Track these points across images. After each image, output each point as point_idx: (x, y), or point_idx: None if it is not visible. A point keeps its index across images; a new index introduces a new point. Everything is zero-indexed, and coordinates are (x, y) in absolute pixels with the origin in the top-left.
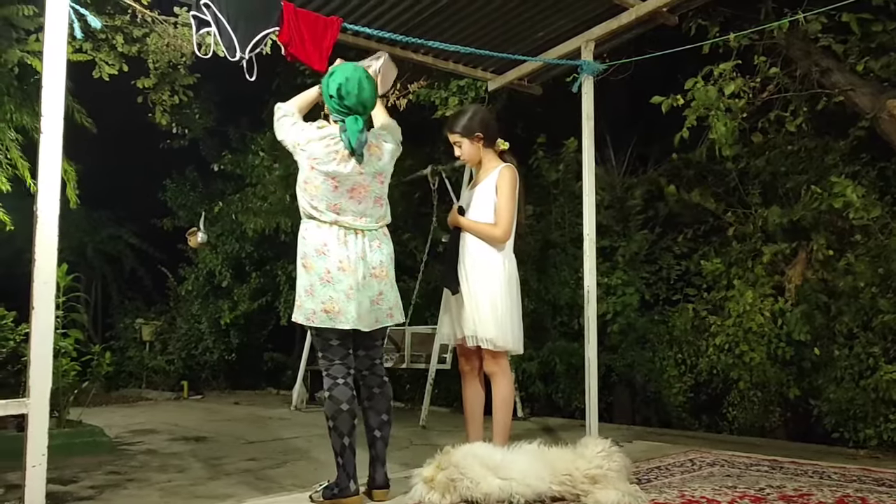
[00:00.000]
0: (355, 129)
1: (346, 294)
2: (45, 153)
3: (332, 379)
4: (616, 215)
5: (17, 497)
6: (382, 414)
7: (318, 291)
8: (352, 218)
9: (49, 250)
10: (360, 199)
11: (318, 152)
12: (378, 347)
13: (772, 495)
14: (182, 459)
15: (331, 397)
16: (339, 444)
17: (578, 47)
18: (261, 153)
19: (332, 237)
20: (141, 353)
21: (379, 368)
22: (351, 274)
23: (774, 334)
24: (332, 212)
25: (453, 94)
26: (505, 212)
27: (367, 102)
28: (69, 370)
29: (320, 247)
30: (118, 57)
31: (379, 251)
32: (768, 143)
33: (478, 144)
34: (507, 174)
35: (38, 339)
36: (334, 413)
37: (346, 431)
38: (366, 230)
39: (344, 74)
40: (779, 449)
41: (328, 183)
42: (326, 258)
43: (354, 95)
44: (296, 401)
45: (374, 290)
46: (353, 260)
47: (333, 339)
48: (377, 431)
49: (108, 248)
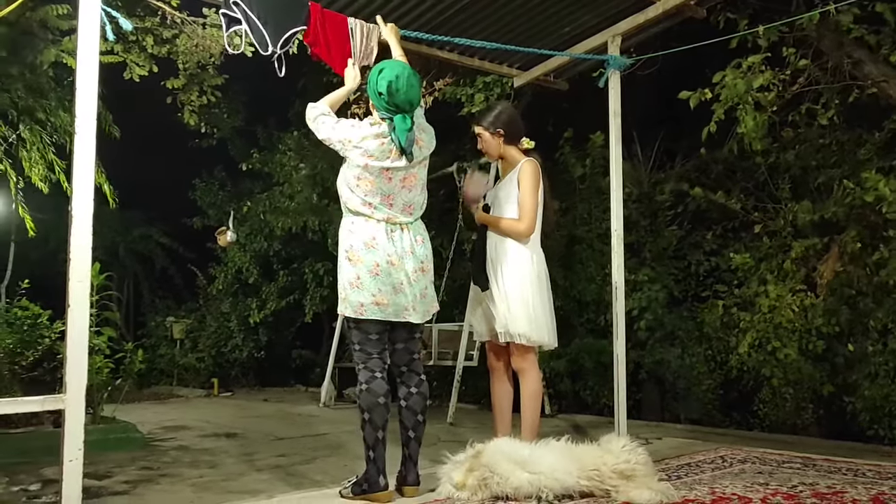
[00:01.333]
0: (404, 128)
1: (395, 287)
2: (79, 154)
3: (370, 372)
4: (643, 211)
5: (55, 491)
6: (418, 414)
7: (368, 284)
8: (401, 211)
9: (84, 250)
10: (411, 188)
11: (374, 149)
12: (416, 341)
13: (804, 493)
14: (213, 455)
15: (368, 390)
16: (372, 438)
17: (605, 42)
18: (288, 152)
19: (380, 231)
20: (172, 350)
21: (417, 365)
22: (400, 269)
23: (805, 330)
24: (385, 205)
25: (479, 90)
26: (527, 206)
27: (414, 100)
28: (103, 367)
29: (369, 240)
30: (148, 58)
31: (423, 246)
32: (799, 136)
33: (498, 140)
34: (528, 168)
35: (73, 337)
36: (371, 406)
37: (381, 425)
38: (410, 224)
39: (394, 72)
40: (811, 446)
41: (383, 177)
42: (376, 252)
43: (403, 93)
44: (324, 397)
45: (422, 285)
46: (401, 255)
47: (373, 334)
48: (411, 431)
49: (139, 248)
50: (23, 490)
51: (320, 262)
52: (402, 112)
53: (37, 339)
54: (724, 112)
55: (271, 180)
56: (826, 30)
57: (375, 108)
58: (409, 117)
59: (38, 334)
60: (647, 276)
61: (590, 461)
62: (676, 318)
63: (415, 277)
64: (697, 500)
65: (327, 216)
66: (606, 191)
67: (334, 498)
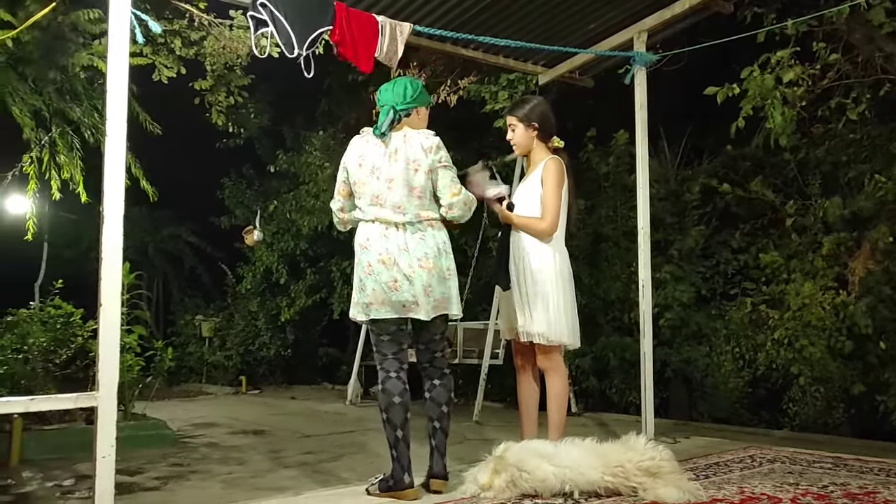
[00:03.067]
0: (384, 113)
1: (389, 286)
2: (109, 155)
3: (385, 372)
4: (670, 208)
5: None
6: (442, 406)
7: (366, 285)
8: (391, 211)
9: (115, 250)
10: (397, 189)
11: (363, 149)
12: (437, 341)
13: (835, 493)
14: (242, 452)
15: (384, 390)
16: (392, 437)
17: (630, 38)
18: (314, 152)
19: (374, 232)
20: (201, 348)
21: (439, 361)
22: (392, 266)
23: (836, 328)
24: (375, 205)
25: (503, 88)
26: (550, 204)
27: (398, 93)
28: (134, 365)
29: (363, 241)
30: (176, 60)
31: (423, 243)
32: (828, 131)
33: (532, 134)
34: (552, 166)
35: (105, 335)
36: (387, 406)
37: (399, 424)
38: (406, 224)
39: (382, 86)
40: (842, 446)
41: (373, 175)
42: (368, 252)
43: (384, 89)
44: (351, 395)
45: (423, 282)
46: (393, 252)
47: (384, 334)
48: (436, 423)
49: (168, 247)
50: (57, 486)
51: (346, 261)
52: (384, 106)
53: (70, 337)
54: (752, 108)
55: (297, 179)
56: (856, 23)
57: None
58: (388, 107)
59: (71, 333)
60: (671, 275)
61: (614, 458)
62: (704, 317)
63: (410, 273)
64: (726, 500)
65: None
66: (632, 188)
67: (361, 495)
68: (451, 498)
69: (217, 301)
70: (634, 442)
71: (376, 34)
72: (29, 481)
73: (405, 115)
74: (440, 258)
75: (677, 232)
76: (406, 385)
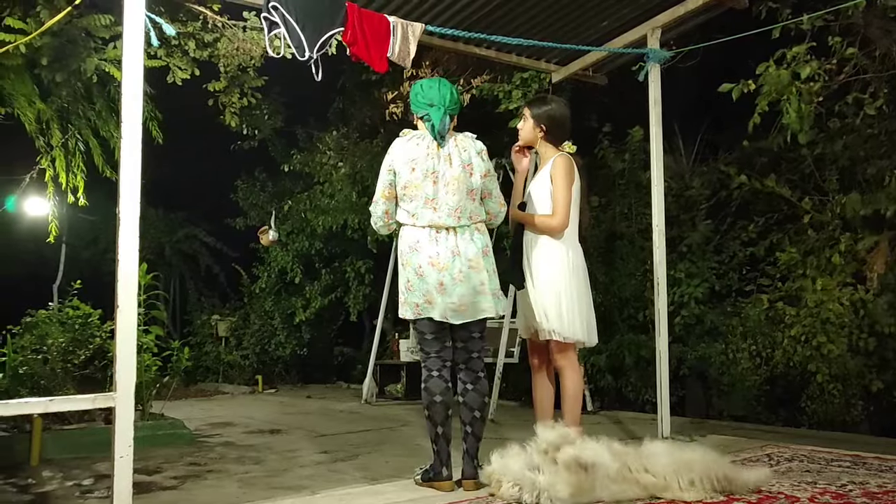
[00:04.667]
0: (438, 115)
1: (437, 288)
2: (125, 158)
3: (428, 371)
4: (685, 205)
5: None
6: (475, 411)
7: (416, 285)
8: (447, 215)
9: (131, 251)
10: (455, 192)
11: (414, 152)
12: (476, 340)
13: (854, 492)
14: (258, 451)
15: (426, 388)
16: (432, 433)
17: (644, 35)
18: (328, 152)
19: (424, 235)
20: (217, 348)
21: (475, 363)
22: (442, 270)
23: (855, 325)
24: (430, 209)
25: (516, 87)
26: (559, 201)
27: (446, 97)
28: (151, 365)
29: (413, 244)
30: (190, 62)
31: (472, 245)
32: (846, 127)
33: (537, 133)
34: (560, 163)
35: (123, 336)
36: (429, 403)
37: (440, 421)
38: (458, 227)
39: (419, 84)
40: (861, 444)
41: (428, 179)
42: (419, 254)
43: (427, 87)
44: (366, 394)
45: (473, 283)
46: (444, 255)
47: (428, 334)
48: (469, 427)
49: (184, 248)
50: (77, 485)
51: (361, 261)
52: (434, 106)
53: (88, 338)
54: (768, 104)
55: (311, 180)
56: (873, 16)
57: (418, 118)
58: (442, 109)
59: (90, 333)
60: (685, 272)
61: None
62: (719, 314)
63: (461, 277)
64: (743, 499)
65: (367, 214)
66: (646, 185)
67: (376, 494)
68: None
69: (233, 301)
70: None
71: (388, 34)
72: (49, 480)
73: (451, 119)
74: (486, 259)
75: (692, 229)
76: (448, 383)
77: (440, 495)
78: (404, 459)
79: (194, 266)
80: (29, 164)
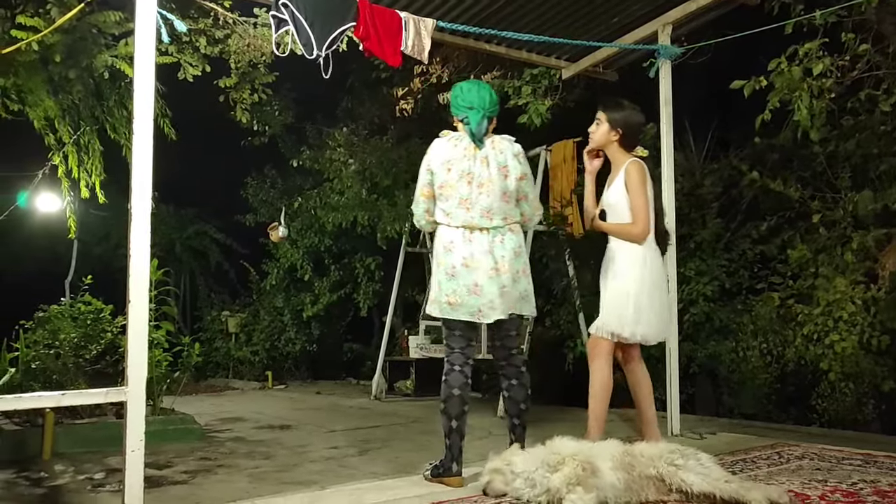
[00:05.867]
0: (476, 117)
1: (469, 288)
2: (136, 153)
3: (451, 365)
4: (696, 202)
5: (118, 480)
6: (521, 403)
7: (444, 285)
8: (480, 216)
9: (143, 247)
10: (489, 193)
11: (450, 153)
12: (513, 337)
13: (865, 490)
14: (268, 447)
15: (445, 381)
16: (447, 426)
17: (655, 31)
18: (338, 148)
19: (458, 235)
20: (227, 344)
21: (515, 359)
22: (475, 270)
23: (867, 323)
24: (464, 209)
25: (526, 83)
26: (638, 208)
27: (485, 100)
28: (162, 361)
29: (447, 244)
30: (201, 58)
31: (503, 246)
32: (858, 124)
33: (612, 137)
34: (633, 170)
35: (134, 330)
36: (446, 396)
37: (455, 415)
38: (491, 228)
39: (459, 86)
40: (873, 443)
41: (463, 180)
42: (452, 254)
43: (475, 92)
44: (375, 391)
45: (502, 282)
46: (478, 256)
47: (456, 330)
48: (516, 419)
49: (194, 244)
50: (88, 479)
51: (370, 257)
52: (473, 108)
53: (99, 333)
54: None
55: (321, 177)
56: (886, 12)
57: (458, 120)
58: (481, 112)
59: (101, 328)
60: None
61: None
62: (729, 311)
63: (492, 275)
64: None
65: (377, 211)
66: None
67: (385, 490)
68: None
69: (243, 297)
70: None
71: (400, 29)
72: (61, 474)
73: (489, 122)
74: (517, 260)
75: (702, 226)
76: (468, 379)
77: (447, 491)
78: (413, 455)
79: (204, 262)
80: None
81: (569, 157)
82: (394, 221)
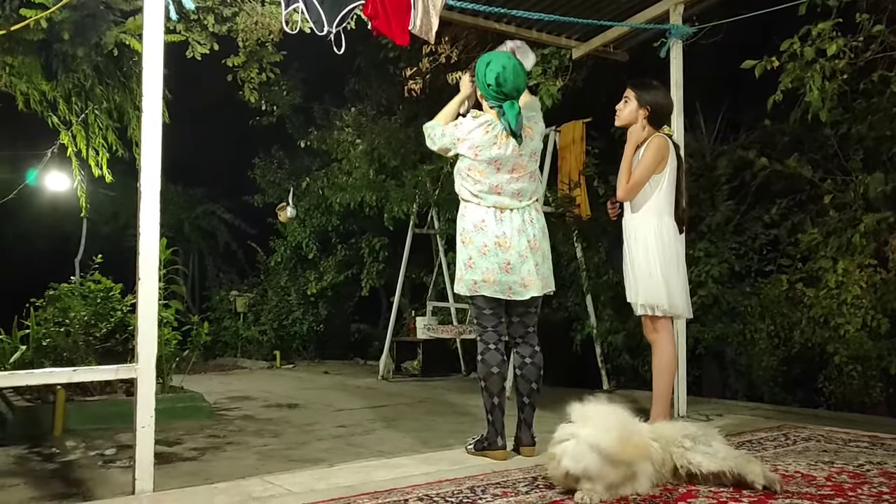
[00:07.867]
0: (513, 112)
1: (502, 267)
2: (146, 132)
3: (485, 344)
4: (705, 184)
5: (129, 456)
6: (532, 383)
7: (479, 263)
8: (510, 198)
9: (152, 226)
10: (519, 178)
11: (480, 139)
12: (532, 315)
13: (872, 472)
14: (276, 425)
15: (483, 360)
16: (489, 403)
17: (666, 10)
18: (346, 129)
19: (489, 215)
20: (236, 323)
21: (531, 337)
22: (508, 249)
23: (873, 306)
24: (494, 193)
25: (536, 63)
26: (635, 174)
27: (521, 87)
28: (171, 339)
29: (478, 222)
30: (209, 36)
31: (533, 225)
32: (871, 106)
33: (640, 114)
34: (654, 142)
35: (144, 310)
36: (486, 375)
37: (496, 392)
38: (520, 208)
39: (500, 63)
40: (880, 426)
41: (491, 167)
42: (484, 233)
43: (511, 82)
44: (382, 371)
45: (534, 261)
46: (510, 235)
47: (487, 309)
48: (526, 398)
49: (203, 224)
50: (99, 454)
51: (377, 238)
52: (510, 99)
53: (109, 311)
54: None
55: (328, 157)
56: None
57: (484, 99)
58: (516, 103)
59: (111, 307)
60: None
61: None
62: (738, 294)
63: (525, 254)
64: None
65: (384, 192)
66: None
67: (393, 468)
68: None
69: (251, 277)
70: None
71: (409, 7)
72: (72, 450)
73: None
74: (544, 239)
75: (710, 207)
76: (504, 356)
77: (453, 468)
78: (420, 434)
79: (213, 242)
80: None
81: (577, 138)
82: (401, 202)
